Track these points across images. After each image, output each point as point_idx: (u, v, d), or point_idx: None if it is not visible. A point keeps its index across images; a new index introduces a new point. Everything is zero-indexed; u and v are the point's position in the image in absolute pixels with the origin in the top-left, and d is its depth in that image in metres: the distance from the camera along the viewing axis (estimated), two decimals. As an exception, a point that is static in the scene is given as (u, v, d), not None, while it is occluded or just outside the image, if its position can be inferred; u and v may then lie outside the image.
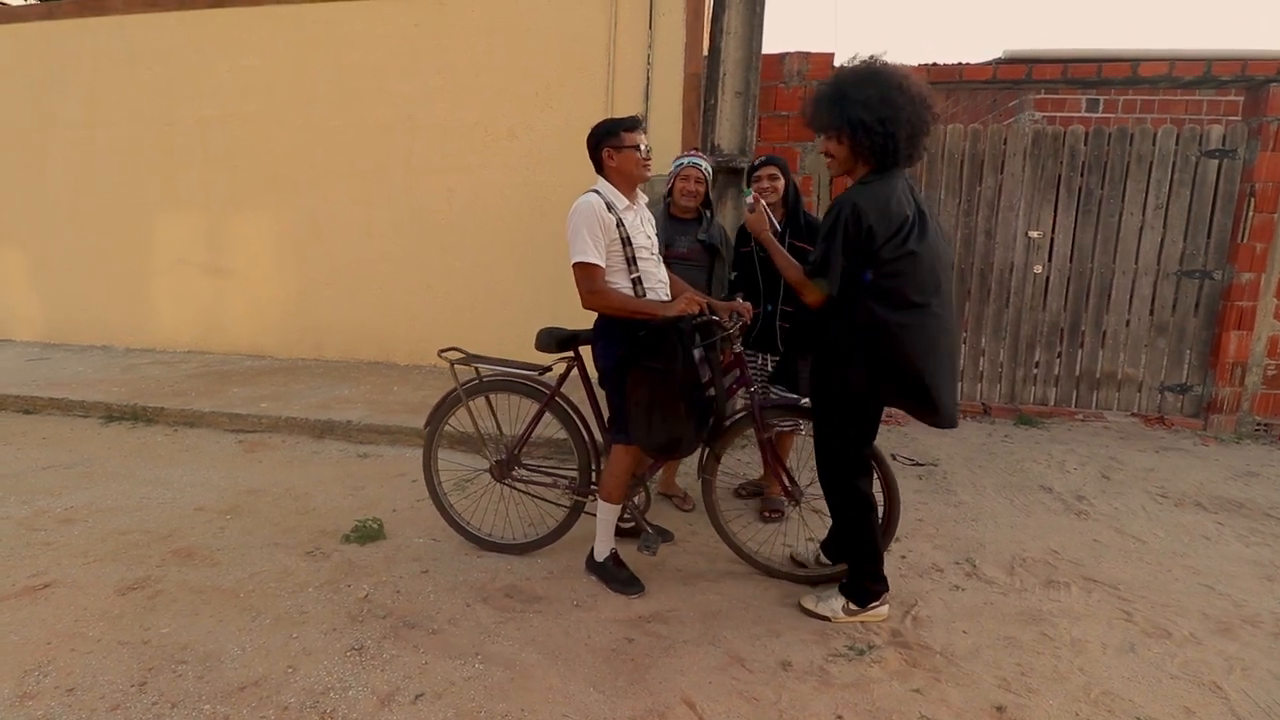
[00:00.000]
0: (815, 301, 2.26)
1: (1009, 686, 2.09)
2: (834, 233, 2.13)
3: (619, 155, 2.46)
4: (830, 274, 2.16)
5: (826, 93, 2.21)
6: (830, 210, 2.18)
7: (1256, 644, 2.35)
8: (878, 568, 2.39)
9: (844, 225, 2.11)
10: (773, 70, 4.91)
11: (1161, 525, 3.34)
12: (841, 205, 2.14)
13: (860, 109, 2.11)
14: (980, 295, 5.17)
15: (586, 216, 2.39)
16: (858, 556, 2.39)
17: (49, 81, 6.42)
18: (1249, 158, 4.76)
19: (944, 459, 4.23)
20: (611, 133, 2.46)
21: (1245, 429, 4.93)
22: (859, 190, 2.16)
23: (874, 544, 2.38)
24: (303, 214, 6.08)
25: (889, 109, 2.09)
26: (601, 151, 2.49)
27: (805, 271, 2.25)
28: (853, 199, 2.13)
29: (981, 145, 5.03)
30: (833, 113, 2.18)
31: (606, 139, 2.47)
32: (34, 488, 3.47)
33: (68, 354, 6.34)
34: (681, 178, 3.11)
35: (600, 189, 2.49)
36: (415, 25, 5.61)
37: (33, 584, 2.54)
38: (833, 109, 2.18)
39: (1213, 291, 4.96)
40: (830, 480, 2.38)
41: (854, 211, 2.11)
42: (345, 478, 3.71)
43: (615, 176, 2.50)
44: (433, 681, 2.05)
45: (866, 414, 2.32)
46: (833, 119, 2.18)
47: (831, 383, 2.27)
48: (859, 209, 2.11)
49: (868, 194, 2.13)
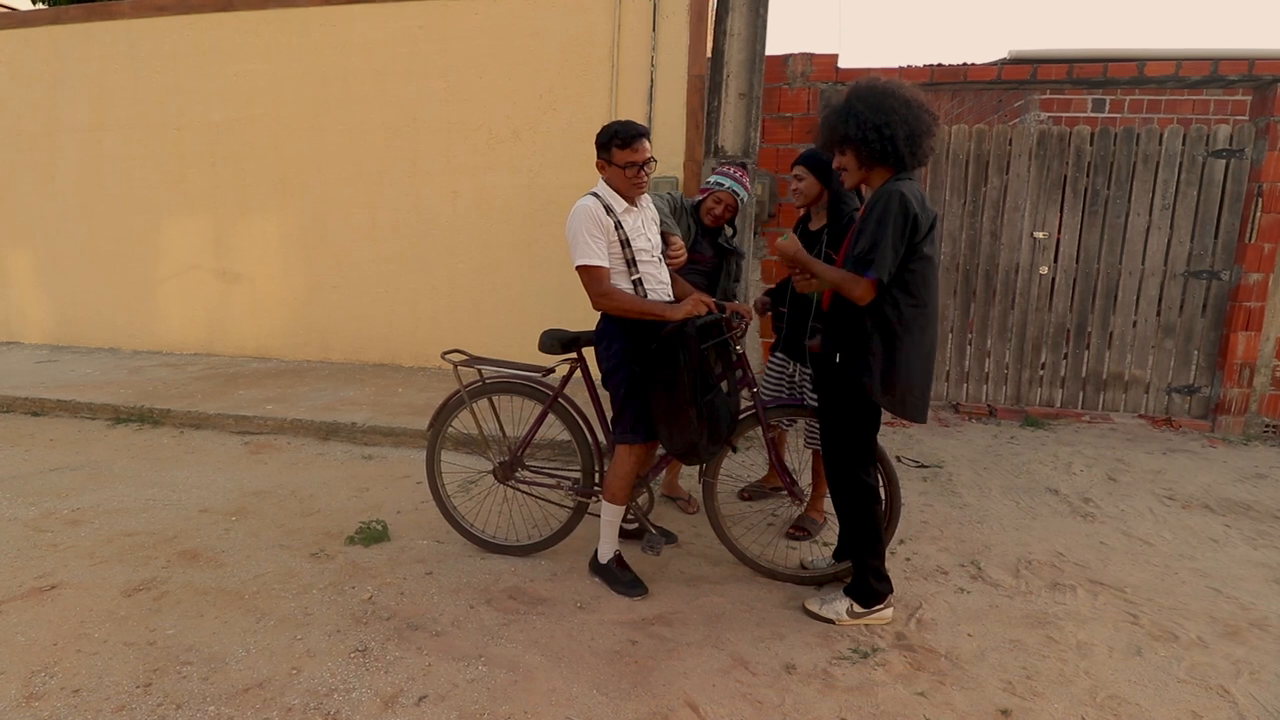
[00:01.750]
0: (866, 297, 2.17)
1: (1014, 690, 2.08)
2: (884, 222, 2.12)
3: (608, 169, 2.48)
4: (884, 264, 2.11)
5: (826, 115, 2.31)
6: (875, 202, 2.17)
7: (1264, 647, 2.33)
8: (882, 565, 2.39)
9: (895, 214, 2.12)
10: (776, 72, 4.91)
11: (1168, 528, 3.32)
12: (888, 195, 2.14)
13: (856, 120, 2.19)
14: (986, 296, 5.15)
15: (583, 219, 2.41)
16: (863, 552, 2.39)
17: (57, 86, 6.46)
18: (1256, 157, 4.73)
19: (949, 461, 4.22)
20: (605, 146, 2.45)
21: (1253, 430, 4.89)
22: (899, 182, 2.18)
23: (878, 537, 2.38)
24: (309, 216, 6.11)
25: (882, 115, 2.15)
26: (600, 160, 2.50)
27: (854, 266, 2.18)
28: (898, 189, 2.15)
29: (987, 146, 5.02)
30: (834, 131, 2.27)
31: (601, 150, 2.47)
32: (41, 489, 3.49)
33: (76, 356, 6.38)
34: (713, 199, 3.06)
35: (600, 191, 2.50)
36: (419, 28, 5.63)
37: (39, 585, 2.56)
38: (833, 127, 2.27)
39: (1220, 292, 4.93)
40: (839, 474, 2.38)
41: (902, 201, 2.12)
42: (350, 479, 3.72)
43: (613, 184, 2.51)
44: (436, 683, 2.06)
45: (878, 407, 2.32)
46: (834, 136, 2.27)
47: (848, 378, 2.26)
48: (905, 198, 2.13)
49: (909, 186, 2.17)
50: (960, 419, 5.16)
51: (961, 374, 5.25)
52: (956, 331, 5.22)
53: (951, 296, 5.17)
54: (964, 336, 5.21)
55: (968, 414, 5.20)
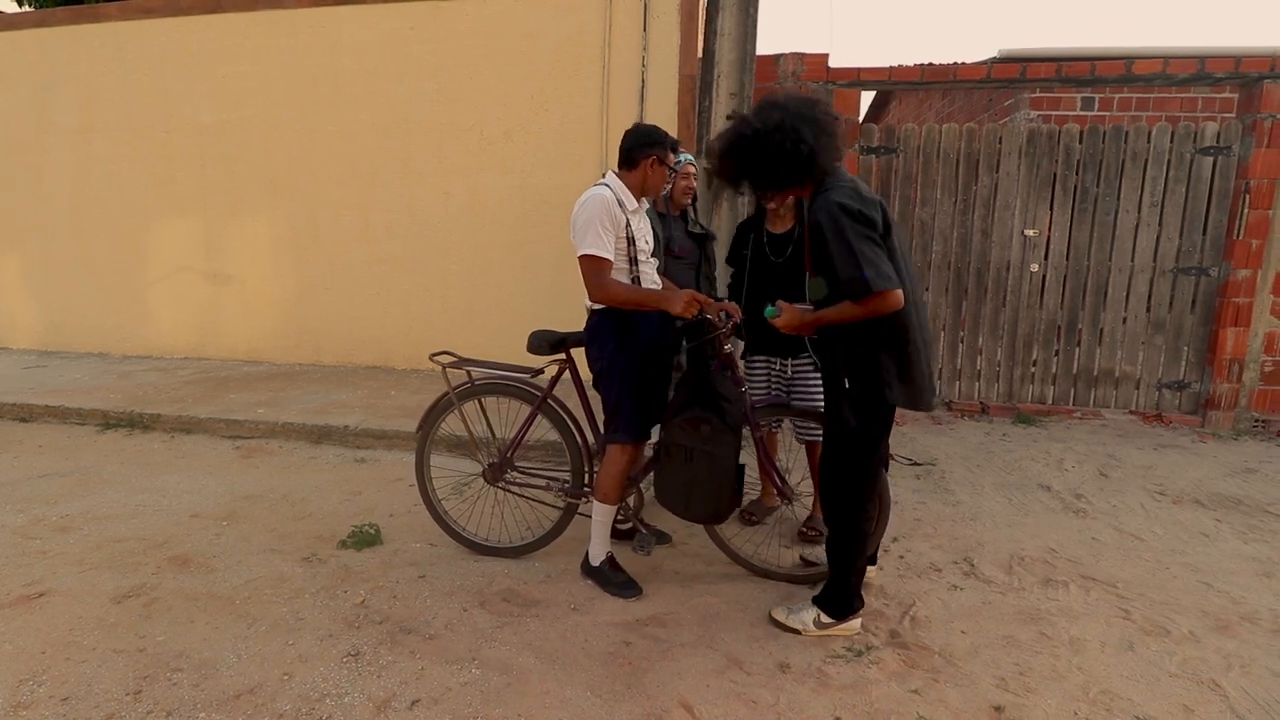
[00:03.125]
0: (898, 303, 2.00)
1: (1007, 686, 2.09)
2: (846, 237, 1.98)
3: (659, 170, 2.48)
4: (880, 271, 1.96)
5: (728, 167, 2.21)
6: (822, 224, 2.04)
7: (1255, 641, 2.35)
8: (858, 583, 2.33)
9: (845, 224, 1.99)
10: (767, 71, 4.91)
11: (1160, 523, 3.34)
12: (827, 209, 2.03)
13: (754, 157, 2.12)
14: (977, 294, 5.17)
15: (599, 210, 2.37)
16: (845, 561, 2.30)
17: (44, 88, 6.41)
18: (1244, 154, 4.77)
19: (942, 458, 4.23)
20: (662, 144, 2.46)
21: (1243, 425, 4.93)
22: (826, 195, 2.06)
23: (863, 548, 2.31)
24: (300, 218, 6.08)
25: (779, 135, 2.06)
26: (644, 156, 2.45)
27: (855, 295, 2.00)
28: (832, 199, 2.03)
29: (977, 144, 5.04)
30: (743, 173, 2.19)
31: (656, 148, 2.46)
32: (30, 496, 3.46)
33: (64, 361, 6.33)
34: (682, 175, 3.03)
35: (611, 185, 2.46)
36: (410, 28, 5.61)
37: (28, 593, 2.53)
38: (739, 169, 2.19)
39: (1209, 288, 4.96)
40: (838, 480, 2.28)
41: (842, 208, 2.01)
42: (342, 483, 3.70)
43: (636, 180, 2.48)
44: (429, 687, 2.05)
45: (891, 408, 2.21)
46: (748, 176, 2.19)
47: (860, 381, 2.15)
48: (844, 205, 2.01)
49: (837, 192, 2.05)
50: (953, 416, 5.18)
51: (953, 371, 5.27)
52: (948, 329, 5.23)
53: (943, 294, 5.19)
54: (956, 334, 5.23)
55: (960, 411, 5.22)
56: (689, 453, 2.40)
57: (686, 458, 2.41)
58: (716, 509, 2.47)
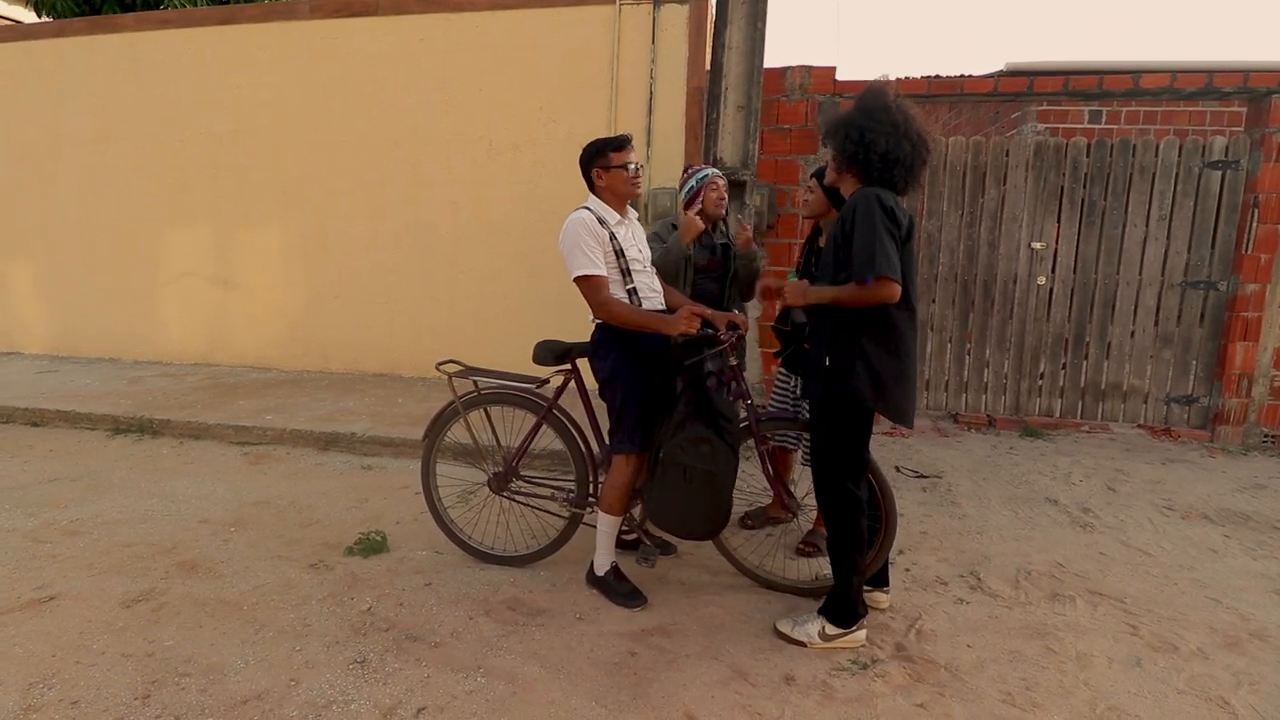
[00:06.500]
0: (896, 293, 2.11)
1: (1013, 701, 2.08)
2: (873, 222, 2.10)
3: (608, 175, 2.54)
4: (889, 261, 2.08)
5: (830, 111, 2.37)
6: (850, 210, 2.17)
7: (1264, 658, 2.33)
8: (860, 590, 2.34)
9: (875, 212, 2.11)
10: (775, 84, 4.94)
11: (1168, 538, 3.32)
12: (862, 198, 2.15)
13: (845, 118, 2.24)
14: (984, 307, 5.16)
15: (578, 232, 2.45)
16: (846, 568, 2.32)
17: (60, 98, 6.50)
18: (1252, 169, 4.76)
19: (948, 471, 4.22)
20: (600, 153, 2.54)
21: (1252, 440, 4.89)
22: (869, 189, 2.18)
23: (862, 553, 2.32)
24: (310, 227, 6.13)
25: (868, 122, 2.18)
26: (591, 171, 2.57)
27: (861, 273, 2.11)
28: (872, 192, 2.16)
29: (984, 157, 5.05)
30: (828, 124, 2.31)
31: (596, 159, 2.55)
32: (40, 500, 3.49)
33: (76, 367, 6.39)
34: (710, 187, 3.11)
35: (591, 205, 2.55)
36: (420, 40, 5.67)
37: (38, 596, 2.56)
38: (829, 120, 2.32)
39: (1218, 302, 4.94)
40: (827, 483, 2.32)
41: (877, 199, 2.13)
42: (349, 490, 3.72)
43: (606, 194, 2.57)
44: (435, 695, 2.05)
45: (869, 412, 2.28)
46: (827, 129, 2.31)
47: (838, 384, 2.22)
48: (881, 196, 2.14)
49: (880, 191, 2.17)
50: (959, 429, 5.16)
51: (960, 384, 5.26)
52: (955, 341, 5.23)
53: (950, 306, 5.19)
54: (963, 346, 5.23)
55: (967, 424, 5.20)
56: (686, 471, 2.42)
57: (684, 476, 2.42)
58: (714, 525, 2.52)
